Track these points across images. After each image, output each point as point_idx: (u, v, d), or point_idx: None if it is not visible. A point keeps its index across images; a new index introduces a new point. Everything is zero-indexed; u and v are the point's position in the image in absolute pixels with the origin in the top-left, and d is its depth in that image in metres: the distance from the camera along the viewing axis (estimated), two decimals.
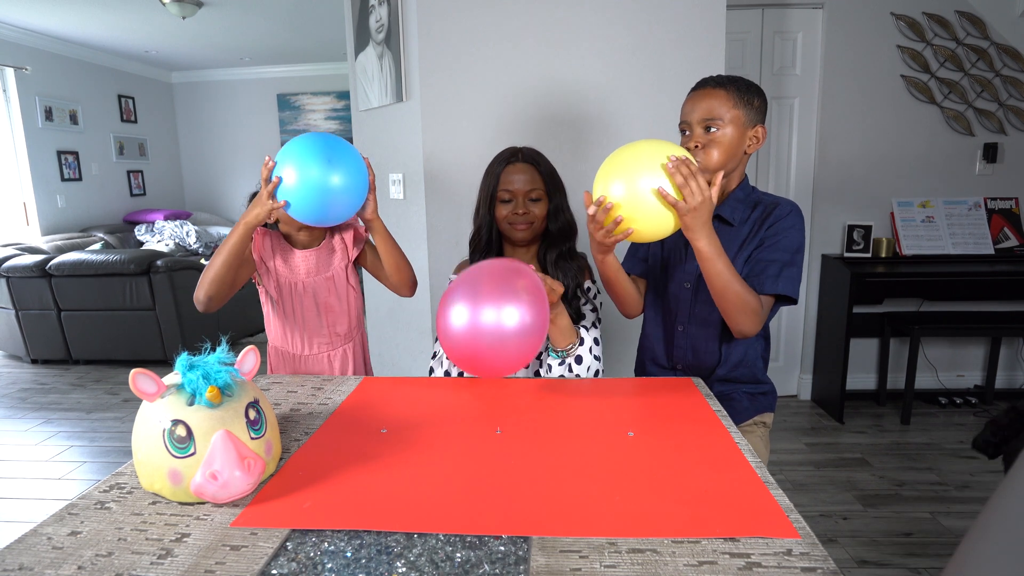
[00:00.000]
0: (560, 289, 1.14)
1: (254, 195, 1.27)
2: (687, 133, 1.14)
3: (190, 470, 0.71)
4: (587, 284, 1.35)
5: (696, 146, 1.11)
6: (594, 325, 1.31)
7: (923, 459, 2.40)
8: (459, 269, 1.40)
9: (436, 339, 1.36)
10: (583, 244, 1.36)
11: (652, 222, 1.00)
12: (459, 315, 1.05)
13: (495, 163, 1.33)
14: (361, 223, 1.39)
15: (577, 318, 1.29)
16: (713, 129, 1.10)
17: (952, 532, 1.93)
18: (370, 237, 1.41)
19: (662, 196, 0.97)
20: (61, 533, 0.68)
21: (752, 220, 1.16)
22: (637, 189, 0.98)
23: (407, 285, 1.40)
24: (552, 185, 1.31)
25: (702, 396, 1.05)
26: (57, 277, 3.65)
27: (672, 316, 1.25)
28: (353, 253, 1.42)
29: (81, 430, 2.87)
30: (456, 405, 1.04)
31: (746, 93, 1.12)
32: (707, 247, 1.01)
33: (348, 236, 1.42)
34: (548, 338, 1.23)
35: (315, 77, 5.98)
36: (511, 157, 1.32)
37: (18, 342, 3.89)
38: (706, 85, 1.14)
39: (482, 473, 0.79)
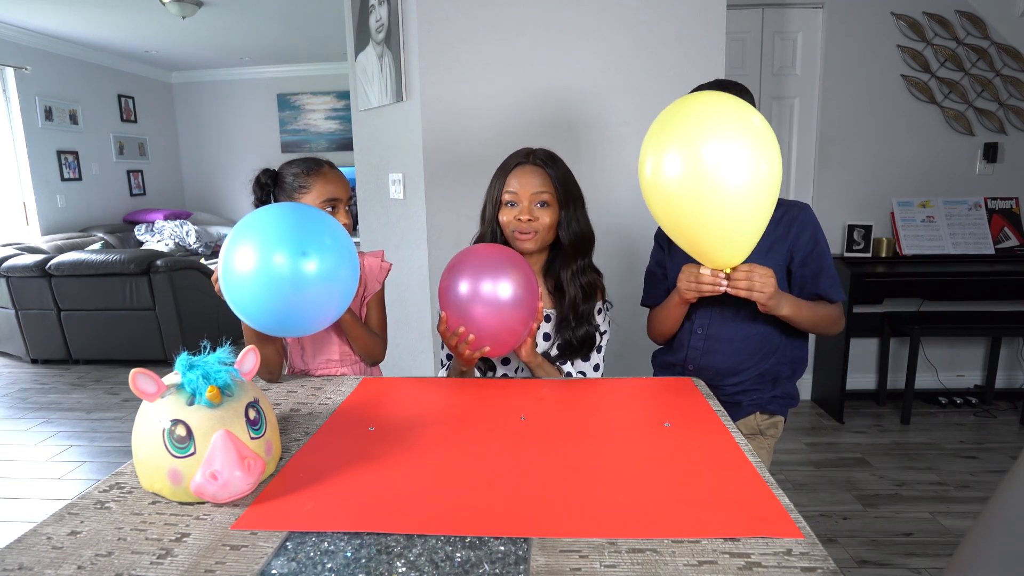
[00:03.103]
0: (539, 322, 1.15)
1: (257, 181, 1.23)
2: None
3: (190, 470, 0.71)
4: (598, 305, 1.28)
5: None
6: (598, 350, 1.28)
7: (923, 459, 2.40)
8: None
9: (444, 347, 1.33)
10: (597, 256, 1.33)
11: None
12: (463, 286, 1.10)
13: (505, 162, 1.25)
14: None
15: (589, 341, 1.25)
16: None
17: (952, 532, 1.93)
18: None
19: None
20: (61, 533, 0.68)
21: (773, 219, 1.18)
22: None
23: (371, 361, 1.32)
24: (565, 192, 1.21)
25: (702, 396, 1.05)
26: (57, 277, 3.64)
27: (691, 318, 1.26)
28: (373, 288, 1.32)
29: (81, 430, 2.87)
30: (456, 406, 1.04)
31: (741, 96, 1.13)
32: (789, 312, 1.13)
33: (373, 266, 1.33)
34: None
35: (315, 77, 5.98)
36: (522, 158, 1.23)
37: (18, 342, 3.89)
38: None
39: (482, 473, 0.79)
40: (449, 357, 1.33)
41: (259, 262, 0.89)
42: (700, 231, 1.00)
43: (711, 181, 0.93)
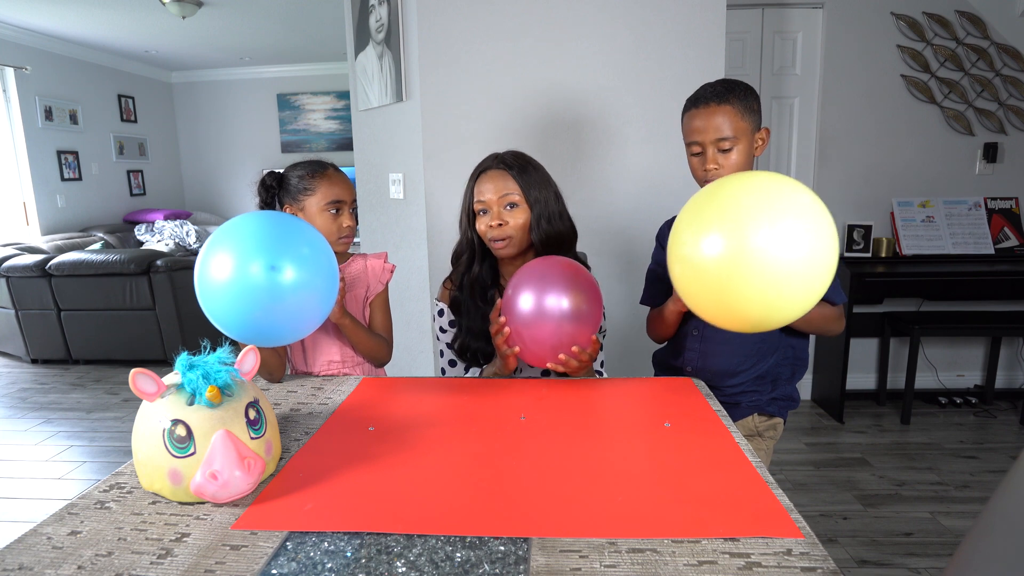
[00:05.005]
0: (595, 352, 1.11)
1: (262, 184, 1.24)
2: (699, 152, 1.15)
3: (190, 470, 0.71)
4: None
5: (716, 167, 1.13)
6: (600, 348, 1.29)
7: (923, 459, 2.40)
8: (442, 293, 1.33)
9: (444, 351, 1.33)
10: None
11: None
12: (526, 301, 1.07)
13: (475, 170, 1.25)
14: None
15: None
16: (728, 147, 1.12)
17: (952, 532, 1.93)
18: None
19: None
20: (61, 533, 0.68)
21: None
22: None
23: (377, 363, 1.33)
24: (533, 190, 1.19)
25: (702, 396, 1.05)
26: (57, 277, 3.65)
27: (689, 320, 1.26)
28: (376, 290, 1.32)
29: (81, 430, 2.87)
30: (456, 406, 1.04)
31: (746, 100, 1.13)
32: None
33: (376, 268, 1.33)
34: None
35: (315, 77, 5.99)
36: (485, 166, 1.23)
37: (18, 342, 3.89)
38: (709, 101, 1.14)
39: (482, 473, 0.79)
40: (452, 364, 1.33)
41: (231, 273, 0.87)
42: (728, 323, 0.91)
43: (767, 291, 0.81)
